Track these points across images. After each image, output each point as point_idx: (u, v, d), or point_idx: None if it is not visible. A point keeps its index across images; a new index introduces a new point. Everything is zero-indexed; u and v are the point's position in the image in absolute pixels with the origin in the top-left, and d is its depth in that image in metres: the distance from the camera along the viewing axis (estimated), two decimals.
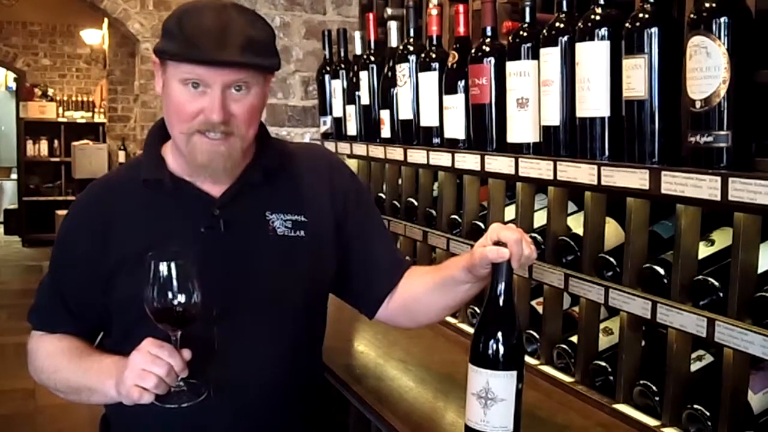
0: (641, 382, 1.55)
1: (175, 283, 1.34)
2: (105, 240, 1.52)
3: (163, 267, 1.33)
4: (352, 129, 2.71)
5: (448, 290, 1.57)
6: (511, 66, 1.78)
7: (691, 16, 1.33)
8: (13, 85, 12.17)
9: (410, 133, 2.30)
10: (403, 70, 2.28)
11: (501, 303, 1.31)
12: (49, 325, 1.60)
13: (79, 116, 10.98)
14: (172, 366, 1.34)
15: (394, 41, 2.41)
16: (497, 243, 1.36)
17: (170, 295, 1.34)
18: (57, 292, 1.59)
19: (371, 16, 2.59)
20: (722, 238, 1.51)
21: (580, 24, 1.57)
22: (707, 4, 1.30)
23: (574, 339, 1.75)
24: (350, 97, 2.69)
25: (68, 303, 1.57)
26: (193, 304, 1.35)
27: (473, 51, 1.92)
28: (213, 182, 1.53)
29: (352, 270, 1.66)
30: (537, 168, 1.73)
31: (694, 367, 1.51)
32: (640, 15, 1.44)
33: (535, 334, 1.87)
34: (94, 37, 10.80)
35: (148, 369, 1.34)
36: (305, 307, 1.59)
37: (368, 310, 1.69)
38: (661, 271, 1.50)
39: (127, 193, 1.57)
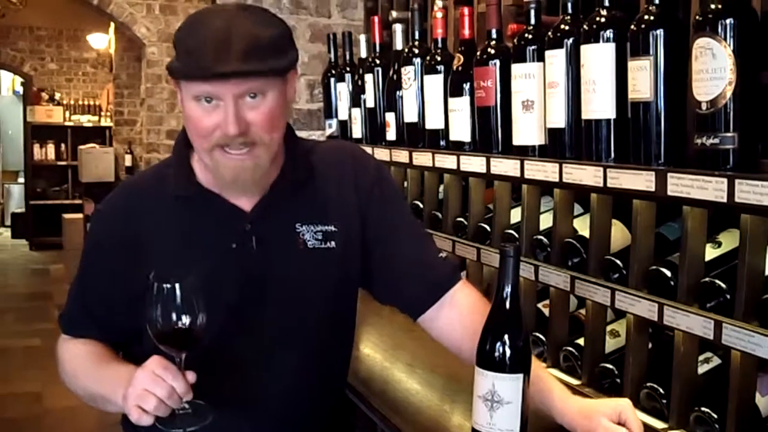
0: (648, 384, 1.55)
1: (178, 304, 1.30)
2: (137, 257, 1.47)
3: (166, 287, 1.29)
4: (357, 132, 2.71)
5: None
6: (516, 68, 1.78)
7: (697, 17, 1.33)
8: (20, 90, 12.23)
9: (415, 135, 2.30)
10: (409, 73, 2.28)
11: (507, 305, 1.31)
12: (73, 330, 1.58)
13: (86, 120, 11.05)
14: (174, 388, 1.28)
15: (399, 44, 2.41)
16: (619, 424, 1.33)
17: (174, 317, 1.30)
18: (84, 301, 1.57)
19: (376, 19, 2.60)
20: (729, 240, 1.50)
21: (585, 26, 1.57)
22: (713, 6, 1.29)
23: (581, 341, 1.74)
24: (355, 100, 2.69)
25: (95, 313, 1.55)
26: (198, 325, 1.31)
27: (478, 53, 1.92)
28: (243, 194, 1.49)
29: (374, 270, 1.60)
30: (543, 170, 1.72)
31: (701, 369, 1.51)
32: (646, 17, 1.44)
33: (541, 336, 1.87)
34: (101, 41, 10.84)
35: (149, 390, 1.28)
36: (332, 317, 1.57)
37: (409, 311, 1.62)
38: (668, 273, 1.49)
39: (158, 207, 1.52)
